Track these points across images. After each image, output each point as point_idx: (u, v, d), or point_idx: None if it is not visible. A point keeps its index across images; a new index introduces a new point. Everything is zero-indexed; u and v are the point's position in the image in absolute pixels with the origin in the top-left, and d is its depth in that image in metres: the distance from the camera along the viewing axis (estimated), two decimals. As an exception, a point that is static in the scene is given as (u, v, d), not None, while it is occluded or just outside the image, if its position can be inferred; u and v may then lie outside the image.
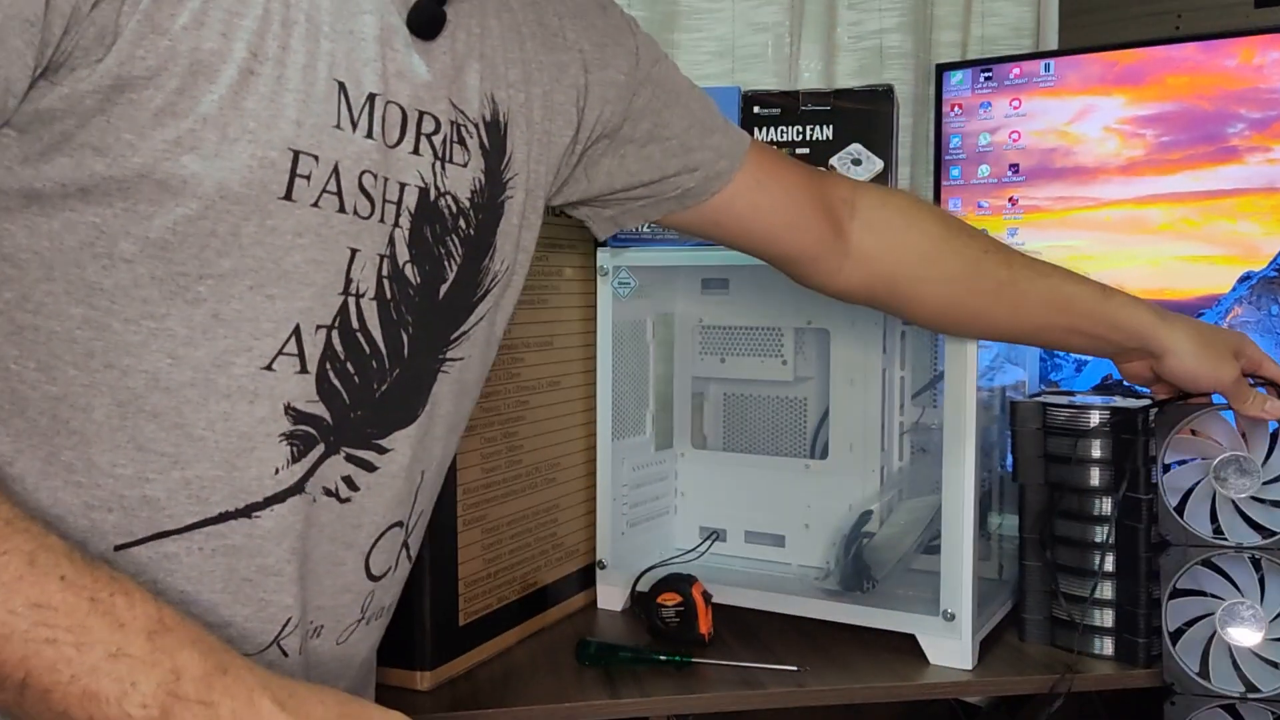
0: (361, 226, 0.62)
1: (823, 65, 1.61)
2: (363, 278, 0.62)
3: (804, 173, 0.92)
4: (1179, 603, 0.96)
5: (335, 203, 0.60)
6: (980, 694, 1.26)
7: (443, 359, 0.69)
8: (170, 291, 0.56)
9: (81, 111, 0.52)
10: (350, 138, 0.60)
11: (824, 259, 0.91)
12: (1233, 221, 1.26)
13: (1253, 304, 1.24)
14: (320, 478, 0.63)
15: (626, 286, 1.16)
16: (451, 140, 0.67)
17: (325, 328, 0.61)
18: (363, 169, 0.61)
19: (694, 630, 1.04)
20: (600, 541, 1.17)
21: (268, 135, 0.56)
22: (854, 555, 1.12)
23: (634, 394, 1.22)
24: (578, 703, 0.93)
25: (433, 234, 0.66)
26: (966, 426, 1.00)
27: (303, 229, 0.59)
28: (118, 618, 0.48)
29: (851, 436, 1.19)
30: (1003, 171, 1.40)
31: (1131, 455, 1.00)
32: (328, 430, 0.62)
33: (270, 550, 0.61)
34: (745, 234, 0.89)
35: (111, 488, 0.57)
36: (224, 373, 0.58)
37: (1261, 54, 1.24)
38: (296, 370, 0.60)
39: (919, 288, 0.93)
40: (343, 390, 0.63)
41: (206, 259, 0.56)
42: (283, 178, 0.57)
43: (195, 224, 0.55)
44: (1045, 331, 0.98)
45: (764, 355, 1.23)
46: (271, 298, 0.58)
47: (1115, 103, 1.32)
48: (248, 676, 0.50)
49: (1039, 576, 1.06)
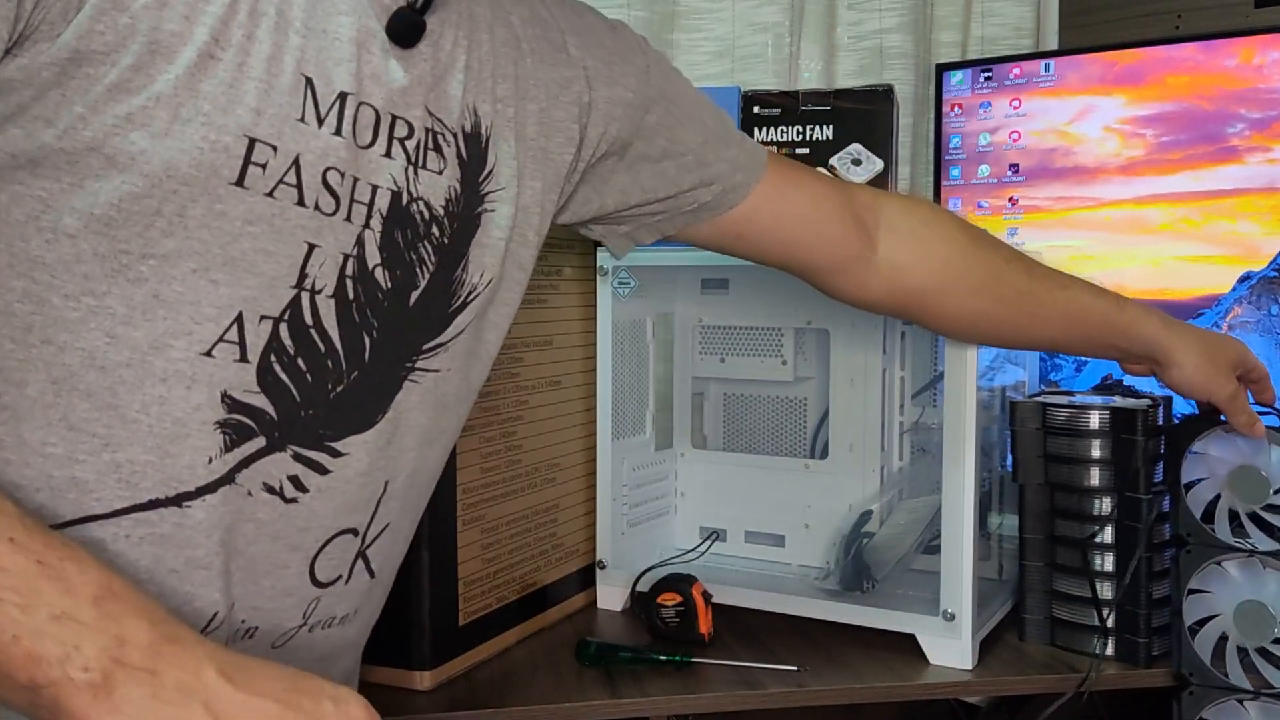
0: (324, 223, 0.61)
1: (823, 65, 1.61)
2: (321, 274, 0.62)
3: (828, 182, 0.92)
4: (1195, 599, 0.96)
5: (294, 195, 0.60)
6: (980, 694, 1.26)
7: (411, 368, 0.68)
8: (112, 269, 0.56)
9: (38, 84, 0.53)
10: (315, 132, 0.60)
11: (852, 269, 0.91)
12: (1233, 221, 1.26)
13: (1253, 304, 1.24)
14: (260, 473, 0.62)
15: (626, 286, 1.16)
16: (426, 146, 0.67)
17: (272, 319, 0.60)
18: (328, 165, 0.61)
19: (694, 630, 1.04)
20: (600, 541, 1.17)
21: (222, 120, 0.56)
22: (854, 555, 1.12)
23: (634, 394, 1.22)
24: (577, 703, 0.93)
25: (404, 239, 0.66)
26: (966, 426, 1.00)
27: (254, 217, 0.58)
28: (66, 582, 0.48)
29: (851, 436, 1.19)
30: (1003, 171, 1.40)
31: (1131, 455, 1.00)
32: (272, 425, 0.62)
33: (200, 542, 0.59)
34: (771, 246, 0.89)
35: (40, 466, 0.56)
36: (161, 355, 0.57)
37: (1261, 54, 1.24)
38: (236, 358, 0.59)
39: (946, 299, 0.94)
40: (292, 386, 0.62)
41: (150, 238, 0.56)
42: (235, 163, 0.57)
43: (140, 201, 0.55)
44: (1058, 340, 1.00)
45: (764, 355, 1.23)
46: (215, 283, 0.58)
47: (1115, 103, 1.32)
48: (196, 648, 0.50)
49: (1039, 576, 1.06)
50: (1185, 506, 0.97)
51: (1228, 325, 1.25)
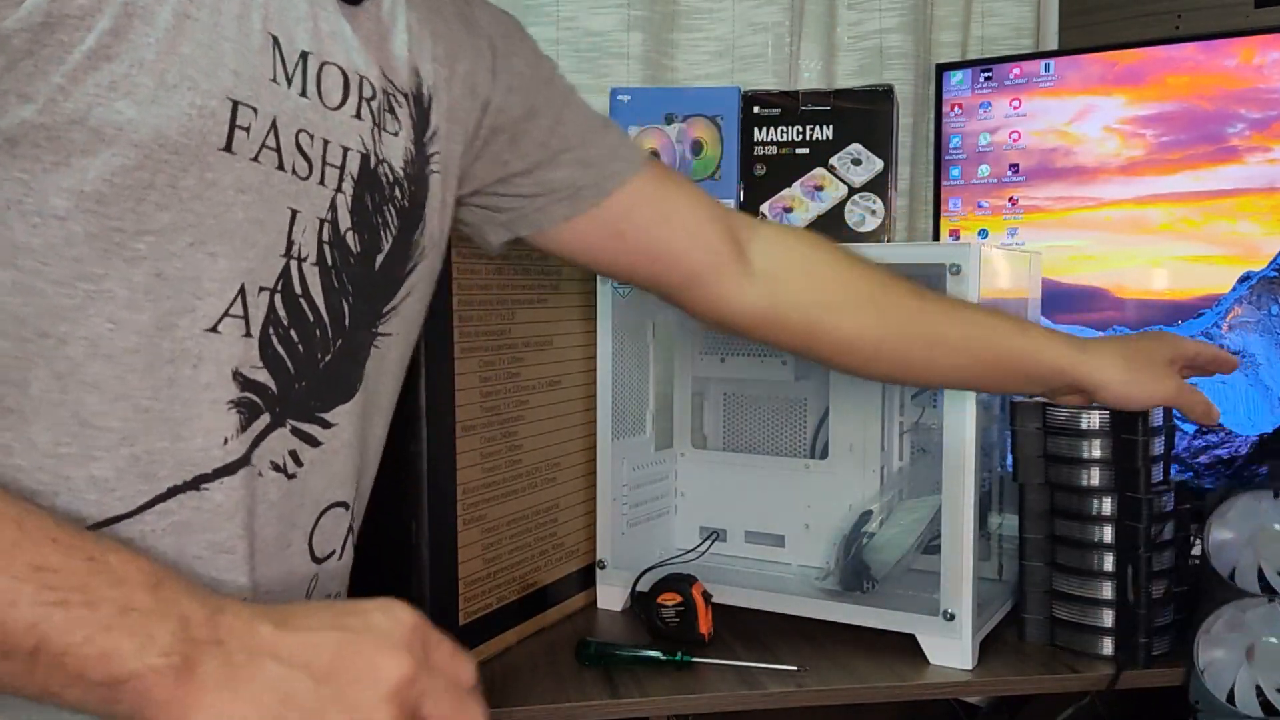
0: (300, 187, 0.60)
1: (823, 65, 1.61)
2: (304, 241, 0.60)
3: (705, 193, 0.90)
4: (1212, 635, 0.97)
5: (275, 159, 0.58)
6: (980, 694, 1.26)
7: (375, 333, 0.68)
8: (105, 249, 0.53)
9: (9, 53, 0.49)
10: (286, 93, 0.58)
11: (729, 276, 0.87)
12: (1233, 221, 1.26)
13: (1253, 304, 1.24)
14: (268, 451, 0.61)
15: (627, 286, 1.16)
16: (384, 108, 0.66)
17: (268, 290, 0.59)
18: (299, 128, 0.59)
19: (694, 630, 1.04)
20: (600, 541, 1.17)
21: (208, 84, 0.54)
22: (854, 555, 1.12)
23: (634, 394, 1.22)
24: (578, 703, 0.93)
25: (372, 202, 0.65)
26: (966, 426, 1.00)
27: (244, 185, 0.56)
28: (116, 574, 0.47)
29: (851, 436, 1.19)
30: (1003, 171, 1.40)
31: (1131, 455, 1.00)
32: (273, 400, 0.60)
33: (221, 526, 0.59)
34: (648, 247, 0.85)
35: (55, 469, 0.54)
36: (167, 336, 0.55)
37: (1261, 54, 1.24)
38: (242, 334, 0.58)
39: (840, 319, 0.88)
40: (287, 358, 0.61)
41: (144, 212, 0.53)
42: (223, 128, 0.55)
43: (132, 174, 0.52)
44: (967, 371, 0.92)
45: (764, 355, 1.23)
46: (214, 255, 0.56)
47: (1115, 103, 1.32)
48: (243, 611, 0.50)
49: (1039, 576, 1.06)
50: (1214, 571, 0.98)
51: (1228, 325, 1.25)
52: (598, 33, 1.51)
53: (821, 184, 1.13)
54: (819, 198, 1.13)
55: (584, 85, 1.47)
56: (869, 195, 1.12)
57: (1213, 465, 1.26)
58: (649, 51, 1.53)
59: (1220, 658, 0.96)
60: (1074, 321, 1.34)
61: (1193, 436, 1.26)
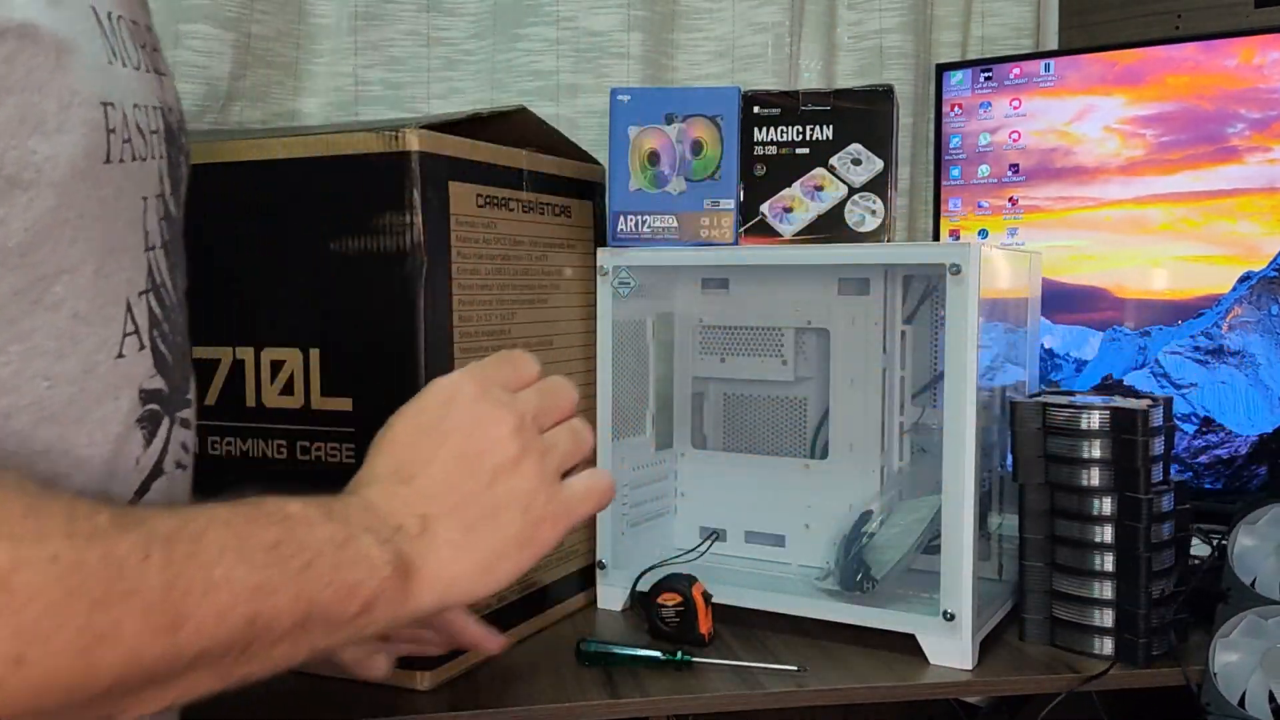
0: (145, 170, 0.54)
1: (823, 65, 1.61)
2: (152, 228, 0.56)
3: None
4: (1230, 640, 0.97)
5: (130, 151, 0.52)
6: (980, 694, 1.26)
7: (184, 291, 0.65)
8: (33, 302, 0.47)
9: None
10: (121, 72, 0.52)
11: None
12: (1233, 221, 1.26)
13: (1253, 304, 1.24)
14: (170, 453, 0.58)
15: (626, 286, 1.16)
16: (152, 48, 0.60)
17: (145, 293, 0.55)
18: (134, 102, 0.53)
19: (694, 630, 1.04)
20: (600, 542, 1.17)
21: (86, 91, 0.48)
22: (854, 555, 1.12)
23: (634, 394, 1.22)
24: (578, 703, 0.93)
25: (173, 157, 0.59)
26: (966, 426, 1.00)
27: (119, 192, 0.51)
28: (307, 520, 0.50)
29: (851, 436, 1.19)
30: (1003, 171, 1.40)
31: (1131, 455, 1.00)
32: (166, 401, 0.58)
33: None
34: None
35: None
36: (92, 376, 0.51)
37: (1261, 54, 1.24)
38: (139, 348, 0.54)
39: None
40: (168, 355, 0.58)
41: (59, 251, 0.48)
42: (103, 137, 0.49)
43: (53, 214, 0.47)
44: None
45: (764, 355, 1.23)
46: (108, 277, 0.51)
47: (1115, 103, 1.32)
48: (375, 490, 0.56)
49: (1039, 576, 1.06)
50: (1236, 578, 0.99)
51: (1228, 325, 1.25)
52: (598, 33, 1.50)
53: (821, 184, 1.13)
54: (819, 198, 1.13)
55: (584, 85, 1.47)
56: (869, 195, 1.12)
57: (1213, 465, 1.26)
58: (649, 51, 1.52)
59: (1235, 662, 0.96)
60: (1074, 321, 1.34)
61: (1192, 436, 1.27)
